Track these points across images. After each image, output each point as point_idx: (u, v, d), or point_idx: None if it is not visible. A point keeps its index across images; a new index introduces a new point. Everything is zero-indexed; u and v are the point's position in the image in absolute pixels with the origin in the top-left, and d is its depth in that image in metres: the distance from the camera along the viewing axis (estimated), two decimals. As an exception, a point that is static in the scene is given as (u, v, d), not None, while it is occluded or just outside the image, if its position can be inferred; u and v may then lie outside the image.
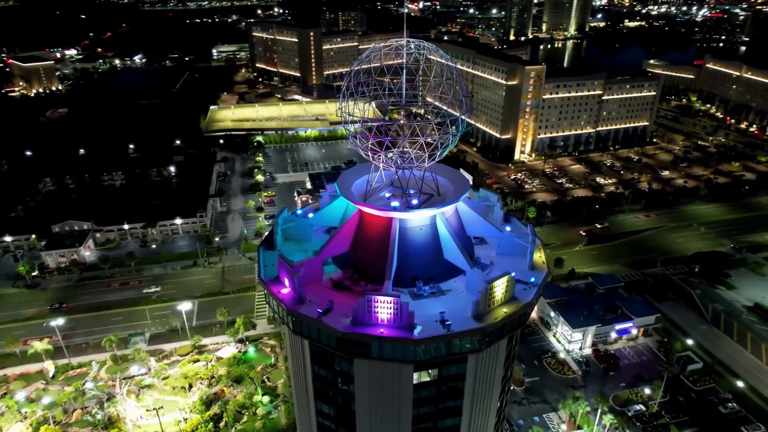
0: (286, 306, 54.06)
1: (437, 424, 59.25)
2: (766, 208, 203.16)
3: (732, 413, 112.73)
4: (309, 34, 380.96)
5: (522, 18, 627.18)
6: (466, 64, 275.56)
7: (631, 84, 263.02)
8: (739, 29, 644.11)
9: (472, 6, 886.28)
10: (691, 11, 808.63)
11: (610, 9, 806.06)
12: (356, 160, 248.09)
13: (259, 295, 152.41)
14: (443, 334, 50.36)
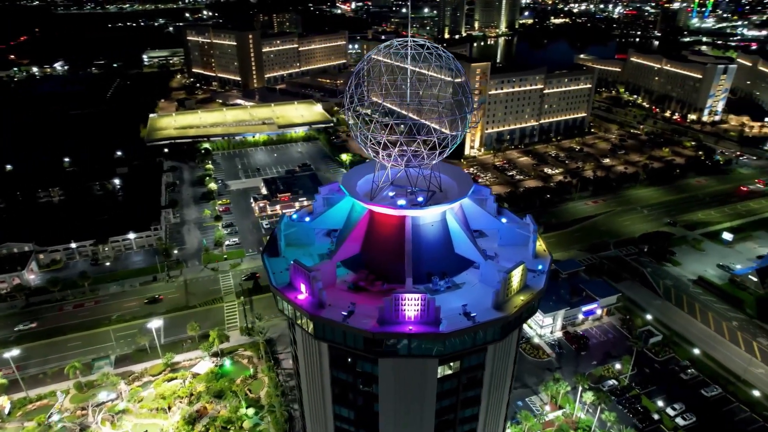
0: (308, 311, 53.29)
1: (458, 415, 60.38)
2: (695, 189, 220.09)
3: (692, 378, 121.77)
4: (247, 36, 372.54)
5: (455, 16, 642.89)
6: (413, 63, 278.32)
7: (569, 78, 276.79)
8: (651, 25, 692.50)
9: (405, 6, 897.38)
10: (607, 9, 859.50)
11: (536, 7, 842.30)
12: (309, 163, 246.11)
13: (229, 306, 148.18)
14: (470, 326, 51.53)
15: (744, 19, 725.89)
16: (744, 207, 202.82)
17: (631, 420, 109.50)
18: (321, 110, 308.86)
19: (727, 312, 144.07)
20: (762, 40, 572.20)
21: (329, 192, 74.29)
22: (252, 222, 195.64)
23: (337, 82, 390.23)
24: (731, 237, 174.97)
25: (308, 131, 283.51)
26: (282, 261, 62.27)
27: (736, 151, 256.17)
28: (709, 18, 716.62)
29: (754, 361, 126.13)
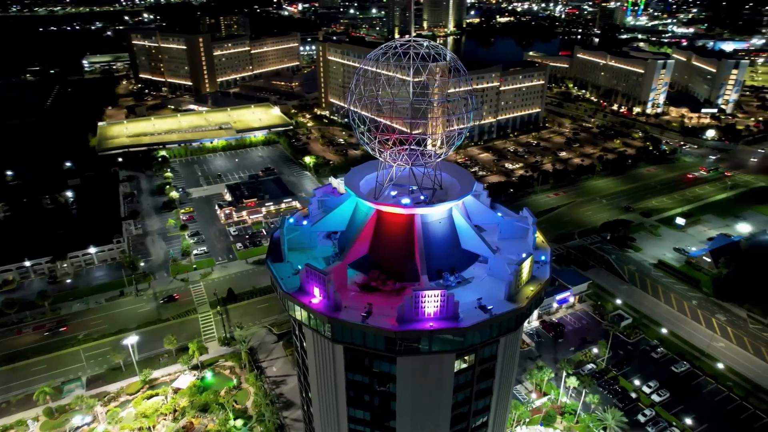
0: (326, 314, 52.84)
1: (471, 407, 61.42)
2: (647, 178, 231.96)
3: (662, 357, 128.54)
4: (198, 40, 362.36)
5: (404, 16, 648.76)
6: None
7: (523, 74, 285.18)
8: (591, 23, 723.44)
9: (352, 6, 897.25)
10: (549, 7, 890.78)
11: (481, 6, 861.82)
12: (273, 167, 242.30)
13: (204, 317, 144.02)
14: (488, 319, 52.61)
15: (673, 17, 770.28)
16: (691, 193, 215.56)
17: (612, 401, 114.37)
18: (279, 113, 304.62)
19: (687, 292, 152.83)
20: (690, 37, 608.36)
21: (324, 194, 73.81)
22: (218, 229, 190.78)
23: (292, 84, 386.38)
24: (684, 222, 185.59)
25: (268, 135, 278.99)
26: (287, 266, 61.43)
27: (680, 141, 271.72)
28: (642, 16, 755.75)
29: (715, 336, 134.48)
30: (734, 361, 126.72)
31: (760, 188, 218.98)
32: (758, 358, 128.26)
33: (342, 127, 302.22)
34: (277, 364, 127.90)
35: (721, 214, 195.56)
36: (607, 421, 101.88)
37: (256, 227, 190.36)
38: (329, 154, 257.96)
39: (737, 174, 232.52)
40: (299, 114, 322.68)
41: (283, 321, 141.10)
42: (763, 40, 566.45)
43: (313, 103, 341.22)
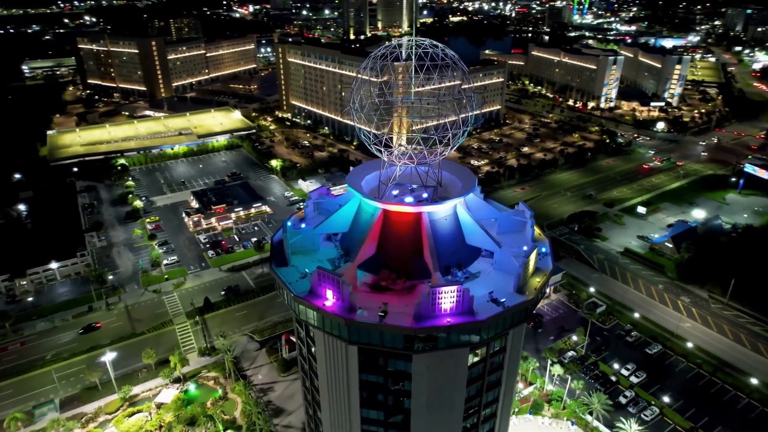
0: (343, 316, 52.61)
1: (482, 399, 62.55)
2: (607, 170, 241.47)
3: (636, 340, 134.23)
4: (150, 43, 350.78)
5: (359, 17, 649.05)
6: (331, 64, 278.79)
7: (484, 72, 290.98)
8: (541, 21, 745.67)
9: (304, 8, 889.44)
10: (499, 6, 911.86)
11: (433, 6, 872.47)
12: (239, 172, 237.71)
13: (181, 328, 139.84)
14: (502, 311, 53.75)
15: (615, 16, 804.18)
16: (648, 182, 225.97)
17: (594, 385, 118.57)
18: (240, 117, 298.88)
19: (653, 277, 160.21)
20: (633, 34, 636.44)
21: (319, 196, 73.35)
22: (187, 238, 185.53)
23: (251, 87, 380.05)
24: (644, 210, 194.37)
25: (230, 139, 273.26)
26: (292, 270, 60.77)
27: (633, 134, 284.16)
28: (587, 15, 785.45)
29: (682, 318, 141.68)
30: (701, 339, 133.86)
31: (709, 176, 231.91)
32: (721, 335, 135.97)
33: (306, 129, 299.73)
34: (262, 372, 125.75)
35: (676, 202, 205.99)
36: (593, 405, 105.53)
37: (227, 233, 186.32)
38: (295, 157, 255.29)
39: (687, 163, 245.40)
40: (260, 117, 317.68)
41: (264, 328, 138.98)
42: (698, 37, 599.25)
43: (274, 105, 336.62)
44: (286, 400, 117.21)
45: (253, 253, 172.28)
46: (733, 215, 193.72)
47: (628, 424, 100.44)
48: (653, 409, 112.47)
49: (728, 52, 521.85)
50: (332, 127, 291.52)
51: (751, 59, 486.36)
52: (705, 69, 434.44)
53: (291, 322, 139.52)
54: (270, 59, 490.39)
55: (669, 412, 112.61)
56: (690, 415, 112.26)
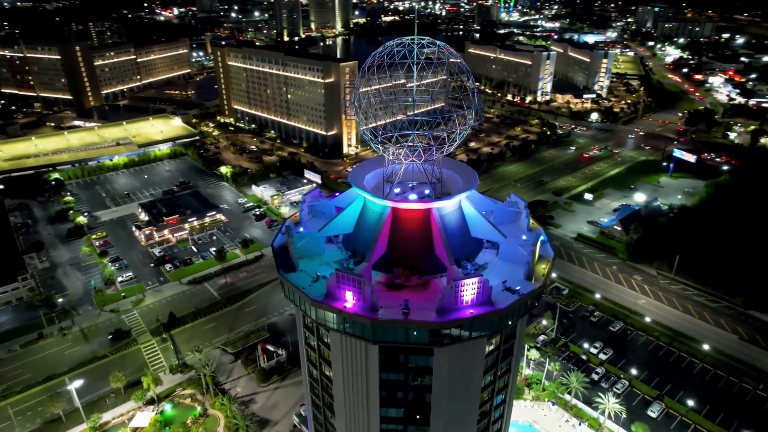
0: (368, 317, 52.43)
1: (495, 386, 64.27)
2: (551, 160, 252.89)
3: (599, 319, 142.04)
4: (74, 49, 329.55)
5: (292, 18, 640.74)
6: (275, 66, 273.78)
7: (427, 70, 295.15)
8: (471, 19, 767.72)
9: (233, 10, 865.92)
10: (428, 5, 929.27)
11: (364, 6, 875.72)
12: (188, 181, 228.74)
13: (147, 347, 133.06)
14: (518, 299, 55.55)
15: (539, 13, 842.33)
16: (590, 170, 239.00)
17: (568, 366, 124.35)
18: (182, 124, 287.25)
19: (606, 259, 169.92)
20: (557, 31, 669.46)
21: (313, 199, 72.49)
22: (141, 252, 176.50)
23: (188, 92, 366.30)
24: (591, 197, 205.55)
25: (173, 147, 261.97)
26: (302, 275, 59.79)
27: (571, 125, 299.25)
28: (514, 12, 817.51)
29: (637, 295, 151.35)
30: (656, 314, 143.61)
31: (643, 162, 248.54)
32: (672, 308, 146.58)
33: (251, 133, 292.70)
34: (241, 384, 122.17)
35: (618, 187, 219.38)
36: (572, 384, 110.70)
37: (183, 245, 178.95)
38: (244, 163, 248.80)
39: (623, 151, 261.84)
40: (202, 123, 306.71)
41: (236, 339, 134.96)
42: (615, 33, 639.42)
43: (215, 110, 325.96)
44: (270, 410, 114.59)
45: (214, 263, 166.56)
46: (668, 197, 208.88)
47: (606, 398, 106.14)
48: (623, 382, 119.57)
49: (643, 47, 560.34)
50: (279, 131, 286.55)
51: (663, 53, 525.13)
52: (626, 62, 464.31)
53: (263, 331, 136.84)
54: (204, 63, 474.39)
55: (637, 384, 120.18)
56: (655, 384, 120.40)
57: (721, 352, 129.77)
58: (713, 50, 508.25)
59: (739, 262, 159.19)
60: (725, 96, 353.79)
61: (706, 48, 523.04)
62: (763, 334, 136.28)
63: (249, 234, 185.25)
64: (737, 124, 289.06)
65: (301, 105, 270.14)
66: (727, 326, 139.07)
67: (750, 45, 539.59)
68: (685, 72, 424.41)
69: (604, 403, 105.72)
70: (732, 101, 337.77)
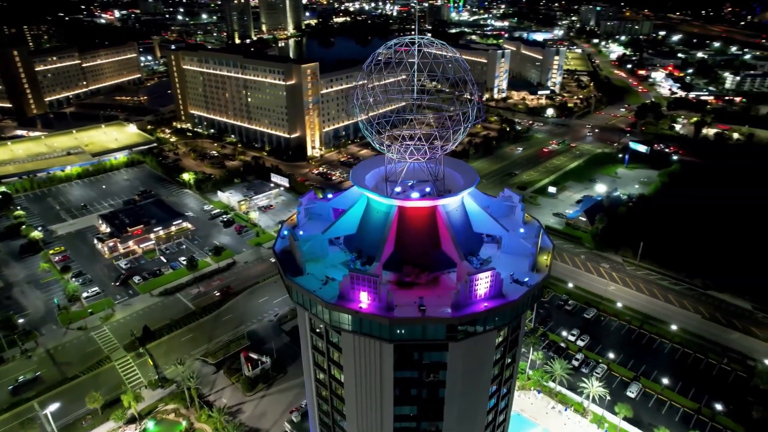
0: (387, 316, 52.38)
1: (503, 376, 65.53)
2: (512, 156, 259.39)
3: (573, 307, 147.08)
4: (11, 53, 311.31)
5: (243, 21, 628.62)
6: (234, 69, 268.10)
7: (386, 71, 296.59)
8: (422, 19, 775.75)
9: (179, 13, 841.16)
10: (379, 6, 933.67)
11: (315, 7, 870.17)
12: (149, 189, 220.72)
13: (122, 364, 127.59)
14: (528, 290, 56.88)
15: (488, 13, 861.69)
16: (551, 164, 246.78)
17: (549, 354, 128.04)
18: (137, 131, 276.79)
19: (574, 249, 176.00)
20: (507, 29, 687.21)
21: (309, 202, 71.73)
22: (105, 265, 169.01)
23: (140, 98, 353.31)
24: (555, 190, 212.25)
25: (130, 155, 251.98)
26: (310, 278, 59.05)
27: (529, 120, 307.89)
28: (463, 12, 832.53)
29: (607, 282, 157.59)
30: (625, 299, 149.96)
31: (599, 154, 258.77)
32: (639, 292, 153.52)
33: (211, 138, 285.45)
34: (226, 395, 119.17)
35: (579, 180, 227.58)
36: (556, 372, 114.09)
37: (150, 256, 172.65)
38: (206, 168, 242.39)
39: (580, 144, 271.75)
40: (158, 130, 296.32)
41: (215, 349, 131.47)
42: (561, 31, 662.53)
43: (170, 116, 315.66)
44: (260, 419, 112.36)
45: (186, 273, 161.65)
46: (626, 187, 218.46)
47: (590, 382, 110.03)
48: (602, 366, 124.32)
49: (588, 44, 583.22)
50: (239, 135, 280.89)
51: (608, 50, 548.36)
52: (575, 59, 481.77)
53: (243, 340, 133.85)
54: (154, 68, 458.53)
55: (614, 367, 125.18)
56: (631, 366, 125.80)
57: (687, 331, 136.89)
58: (653, 47, 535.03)
59: (695, 246, 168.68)
60: (668, 90, 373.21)
61: (646, 45, 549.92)
62: (722, 312, 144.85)
63: (218, 241, 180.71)
64: (681, 116, 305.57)
65: (262, 108, 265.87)
66: (690, 307, 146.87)
67: (684, 42, 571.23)
68: (629, 68, 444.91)
69: (588, 387, 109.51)
70: (674, 95, 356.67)
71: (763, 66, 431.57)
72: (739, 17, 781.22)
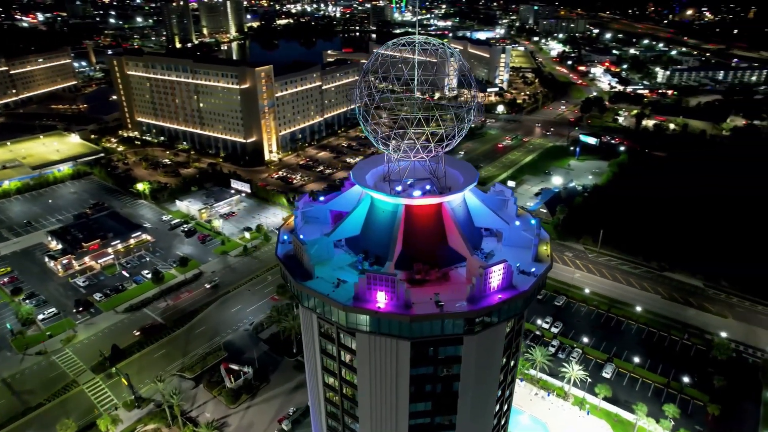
0: (407, 314, 52.49)
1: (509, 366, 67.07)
2: (470, 152, 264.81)
3: (544, 296, 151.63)
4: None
5: (183, 24, 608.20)
6: (184, 74, 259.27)
7: (341, 72, 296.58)
8: (366, 20, 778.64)
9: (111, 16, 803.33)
10: (321, 7, 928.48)
11: (256, 9, 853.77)
12: (101, 202, 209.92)
13: (91, 387, 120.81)
14: (536, 280, 58.57)
15: (430, 13, 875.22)
16: (507, 159, 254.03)
17: (526, 342, 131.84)
18: (81, 141, 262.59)
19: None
20: (450, 29, 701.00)
21: (305, 205, 70.80)
22: (60, 284, 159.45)
23: (79, 106, 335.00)
24: (514, 183, 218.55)
25: (75, 167, 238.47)
26: (320, 282, 58.29)
27: (482, 117, 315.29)
28: (406, 12, 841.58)
29: (573, 270, 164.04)
30: (591, 285, 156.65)
31: (551, 148, 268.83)
32: (603, 278, 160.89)
33: (162, 146, 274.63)
34: (208, 409, 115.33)
35: (535, 173, 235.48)
36: (537, 359, 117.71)
37: (110, 271, 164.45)
38: (161, 177, 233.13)
39: (532, 139, 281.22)
40: (103, 139, 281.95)
41: (192, 363, 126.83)
42: (503, 30, 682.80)
43: (115, 125, 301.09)
44: (247, 431, 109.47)
45: (151, 286, 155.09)
46: (579, 178, 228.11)
47: (571, 367, 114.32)
48: (577, 351, 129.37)
49: (529, 42, 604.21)
50: (192, 142, 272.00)
51: (548, 47, 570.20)
52: (519, 57, 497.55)
53: (220, 351, 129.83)
54: (90, 74, 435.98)
55: (589, 350, 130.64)
56: (603, 348, 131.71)
57: (650, 311, 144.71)
58: (589, 44, 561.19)
59: (648, 231, 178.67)
60: (607, 84, 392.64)
61: (583, 42, 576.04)
62: (679, 291, 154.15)
63: (182, 252, 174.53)
64: (622, 109, 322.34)
65: (216, 113, 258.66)
66: (650, 288, 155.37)
67: (616, 39, 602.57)
68: (569, 64, 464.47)
69: (569, 371, 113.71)
70: (613, 89, 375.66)
71: (687, 61, 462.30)
72: (662, 16, 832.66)
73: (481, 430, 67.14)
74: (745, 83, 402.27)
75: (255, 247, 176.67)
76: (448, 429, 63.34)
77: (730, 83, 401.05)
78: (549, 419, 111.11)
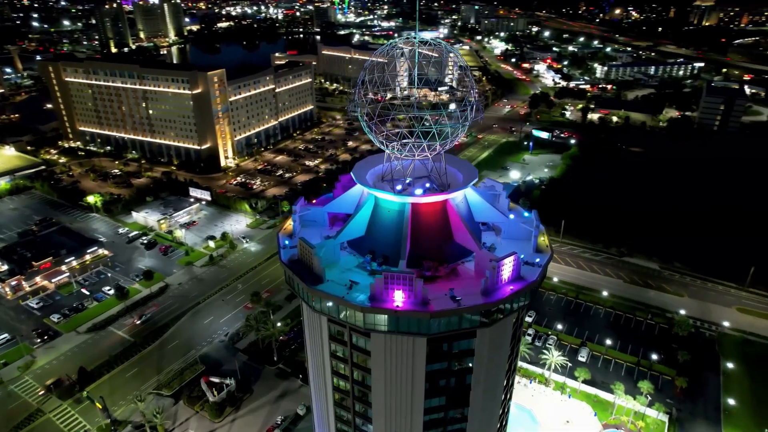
0: (427, 311, 52.79)
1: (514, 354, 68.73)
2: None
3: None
4: None
5: (118, 28, 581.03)
6: (130, 80, 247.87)
7: (293, 74, 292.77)
8: (309, 22, 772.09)
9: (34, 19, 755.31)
10: (262, 9, 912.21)
11: (194, 12, 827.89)
12: (49, 217, 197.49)
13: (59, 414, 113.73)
14: (542, 270, 60.36)
15: (372, 14, 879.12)
16: (464, 156, 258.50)
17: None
18: (17, 153, 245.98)
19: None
20: (394, 29, 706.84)
21: (302, 209, 69.83)
22: (10, 308, 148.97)
23: (10, 116, 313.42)
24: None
25: (12, 181, 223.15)
26: (331, 285, 57.67)
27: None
28: (349, 13, 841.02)
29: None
30: (558, 274, 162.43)
31: (505, 143, 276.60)
32: (568, 266, 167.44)
33: (109, 156, 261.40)
34: (191, 425, 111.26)
35: (492, 168, 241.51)
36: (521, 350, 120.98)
37: (66, 290, 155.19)
38: (111, 189, 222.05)
39: (486, 135, 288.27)
40: (42, 151, 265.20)
41: (168, 379, 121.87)
42: (446, 29, 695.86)
43: (53, 135, 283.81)
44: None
45: (115, 303, 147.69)
46: (535, 172, 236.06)
47: (551, 353, 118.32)
48: (552, 337, 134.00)
49: (471, 40, 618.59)
50: (142, 150, 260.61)
51: (491, 46, 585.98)
52: (464, 56, 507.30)
53: (197, 365, 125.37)
54: (17, 82, 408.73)
55: (563, 336, 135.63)
56: (576, 333, 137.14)
57: (615, 295, 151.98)
58: (530, 42, 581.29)
59: (605, 219, 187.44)
60: (551, 81, 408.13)
61: (524, 40, 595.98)
62: (638, 275, 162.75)
63: (144, 265, 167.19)
64: (568, 104, 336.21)
65: (167, 120, 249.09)
66: (612, 273, 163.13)
67: (555, 37, 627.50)
68: (513, 61, 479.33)
69: (549, 358, 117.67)
70: (558, 84, 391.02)
71: (621, 57, 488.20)
72: (593, 15, 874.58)
73: (488, 420, 68.50)
74: (674, 77, 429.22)
75: (221, 256, 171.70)
76: (460, 422, 64.23)
77: (660, 77, 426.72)
78: (534, 406, 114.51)
